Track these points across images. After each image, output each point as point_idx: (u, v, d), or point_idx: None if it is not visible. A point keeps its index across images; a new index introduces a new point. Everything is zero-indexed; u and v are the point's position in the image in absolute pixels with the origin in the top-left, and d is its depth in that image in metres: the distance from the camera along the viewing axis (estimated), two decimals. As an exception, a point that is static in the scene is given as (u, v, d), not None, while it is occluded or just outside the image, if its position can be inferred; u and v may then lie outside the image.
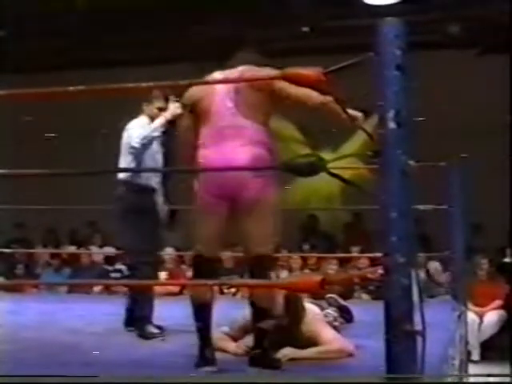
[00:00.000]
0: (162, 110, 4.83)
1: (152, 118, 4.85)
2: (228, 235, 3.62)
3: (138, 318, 4.72)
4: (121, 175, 4.87)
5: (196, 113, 3.61)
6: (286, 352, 3.71)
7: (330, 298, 4.88)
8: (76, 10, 8.90)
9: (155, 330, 4.62)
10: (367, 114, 3.32)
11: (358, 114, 3.36)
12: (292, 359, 3.69)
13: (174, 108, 4.62)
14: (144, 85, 2.28)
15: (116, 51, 10.29)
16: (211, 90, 3.56)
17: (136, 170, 5.04)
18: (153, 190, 4.85)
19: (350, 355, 3.80)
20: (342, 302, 5.11)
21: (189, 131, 3.66)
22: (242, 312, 3.91)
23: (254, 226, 3.45)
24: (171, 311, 5.07)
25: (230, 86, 3.52)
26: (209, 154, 3.46)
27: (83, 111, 9.72)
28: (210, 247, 3.54)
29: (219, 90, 3.53)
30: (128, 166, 4.78)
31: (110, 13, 9.07)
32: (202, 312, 3.56)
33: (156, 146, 4.84)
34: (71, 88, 2.23)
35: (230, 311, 4.18)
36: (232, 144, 3.42)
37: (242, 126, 3.46)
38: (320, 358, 3.72)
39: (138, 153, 4.73)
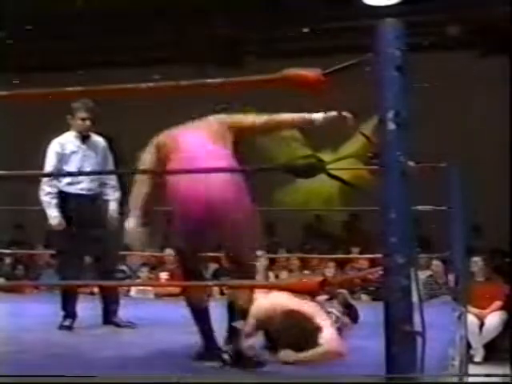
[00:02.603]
0: (84, 120, 4.98)
1: (80, 132, 5.02)
2: (210, 243, 3.72)
3: (113, 314, 5.01)
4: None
5: (162, 156, 3.61)
6: (285, 354, 3.71)
7: (340, 293, 4.87)
8: (75, 10, 8.91)
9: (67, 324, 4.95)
10: (356, 116, 3.35)
11: (348, 115, 3.39)
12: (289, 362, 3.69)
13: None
14: (144, 85, 2.28)
15: (116, 52, 10.30)
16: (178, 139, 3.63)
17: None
18: (81, 197, 4.98)
19: (341, 356, 3.79)
20: (350, 301, 5.10)
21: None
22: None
23: (233, 236, 3.48)
24: (171, 311, 5.07)
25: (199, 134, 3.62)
26: (182, 181, 3.46)
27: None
28: (192, 256, 3.60)
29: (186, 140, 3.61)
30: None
31: (109, 13, 9.08)
32: (201, 315, 3.62)
33: (80, 157, 5.03)
34: (71, 88, 2.24)
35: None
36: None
37: (212, 151, 3.50)
38: (316, 359, 3.72)
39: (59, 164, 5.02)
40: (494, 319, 8.18)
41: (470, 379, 3.47)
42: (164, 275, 8.33)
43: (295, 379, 3.26)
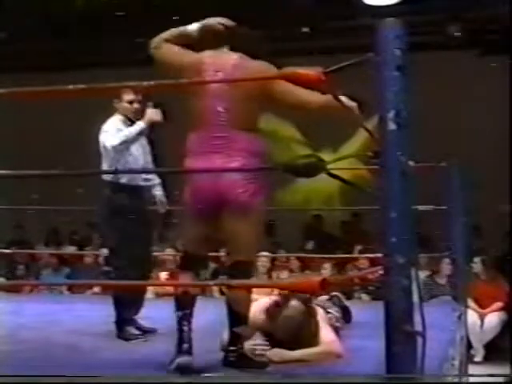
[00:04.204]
0: (131, 103, 4.69)
1: (126, 115, 4.71)
2: (217, 239, 3.63)
3: (118, 319, 4.66)
4: (105, 176, 4.75)
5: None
6: (273, 354, 3.70)
7: (334, 296, 4.87)
8: (76, 11, 8.92)
9: (136, 332, 4.57)
10: (361, 105, 3.32)
11: (352, 104, 3.32)
12: (280, 361, 3.69)
13: (151, 114, 4.49)
14: (145, 83, 2.28)
15: (115, 51, 10.30)
16: (201, 74, 3.43)
17: (132, 172, 4.96)
18: (139, 189, 4.74)
19: (338, 357, 3.79)
20: (345, 302, 5.12)
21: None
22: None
23: (238, 233, 3.43)
24: (171, 311, 5.06)
25: (223, 80, 3.41)
26: (197, 164, 3.40)
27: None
28: (197, 250, 3.55)
29: (210, 86, 3.42)
30: (110, 167, 4.64)
31: (109, 13, 9.08)
32: (183, 305, 3.54)
33: (137, 145, 4.71)
34: (71, 86, 2.23)
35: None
36: (221, 156, 3.36)
37: (233, 136, 3.38)
38: (307, 360, 3.71)
39: (117, 155, 4.62)
40: (492, 319, 8.18)
41: (471, 379, 3.47)
42: (164, 275, 8.32)
43: (295, 379, 3.26)
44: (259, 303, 4.06)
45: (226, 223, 3.46)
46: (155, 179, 4.95)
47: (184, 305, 3.54)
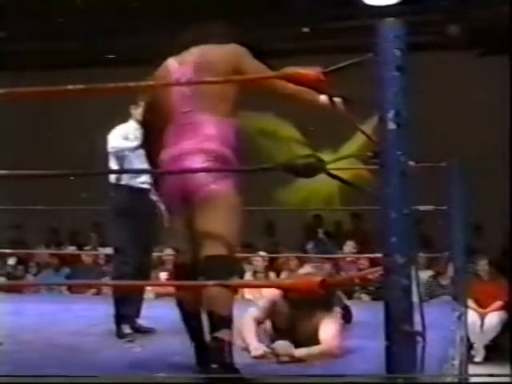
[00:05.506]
0: None
1: None
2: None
3: (117, 317, 4.72)
4: (111, 178, 4.82)
5: (158, 105, 3.44)
6: (279, 346, 3.70)
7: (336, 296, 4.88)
8: (76, 10, 8.92)
9: (128, 331, 4.60)
10: (346, 100, 3.29)
11: (337, 100, 3.27)
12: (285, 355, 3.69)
13: None
14: (143, 83, 2.28)
15: (117, 51, 10.30)
16: (168, 77, 3.38)
17: (126, 171, 4.99)
18: (141, 191, 4.75)
19: (336, 356, 3.79)
20: (346, 302, 5.12)
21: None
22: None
23: (206, 226, 3.20)
24: (171, 311, 5.06)
25: (187, 72, 3.33)
26: (166, 154, 3.31)
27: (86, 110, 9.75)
28: (183, 248, 3.38)
29: (175, 75, 3.36)
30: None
31: (109, 13, 9.08)
32: (191, 319, 3.41)
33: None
34: (71, 86, 2.23)
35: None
36: (188, 143, 3.24)
37: (200, 122, 3.26)
38: (310, 359, 3.72)
39: (121, 156, 4.74)
40: (493, 318, 8.19)
41: (471, 379, 3.48)
42: (164, 275, 8.32)
43: (295, 379, 3.25)
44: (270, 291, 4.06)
45: (195, 216, 3.26)
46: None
47: (192, 321, 3.40)
